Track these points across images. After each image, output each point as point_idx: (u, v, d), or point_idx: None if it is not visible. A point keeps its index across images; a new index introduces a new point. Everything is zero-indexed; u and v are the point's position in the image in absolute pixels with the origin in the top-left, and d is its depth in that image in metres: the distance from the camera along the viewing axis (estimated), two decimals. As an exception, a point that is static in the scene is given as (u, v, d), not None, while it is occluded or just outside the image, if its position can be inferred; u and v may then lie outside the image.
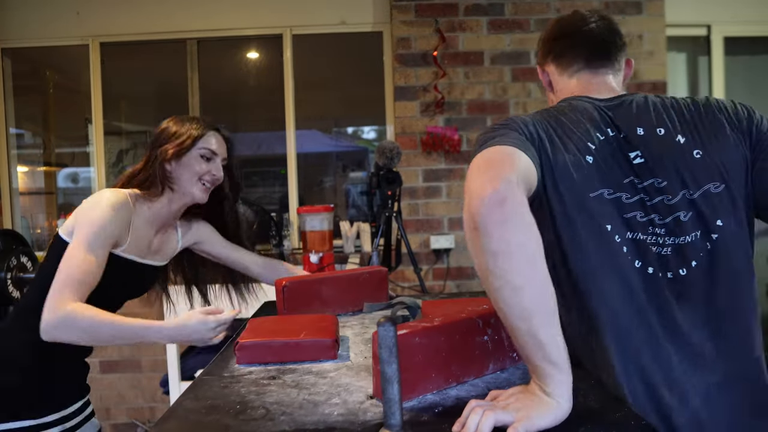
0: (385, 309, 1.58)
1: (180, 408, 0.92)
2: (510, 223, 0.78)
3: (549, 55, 1.28)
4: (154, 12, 3.40)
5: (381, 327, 0.71)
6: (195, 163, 1.52)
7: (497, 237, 0.77)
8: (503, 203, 0.78)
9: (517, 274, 0.77)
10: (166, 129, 1.55)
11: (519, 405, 0.79)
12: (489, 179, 0.82)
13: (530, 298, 0.77)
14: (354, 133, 4.22)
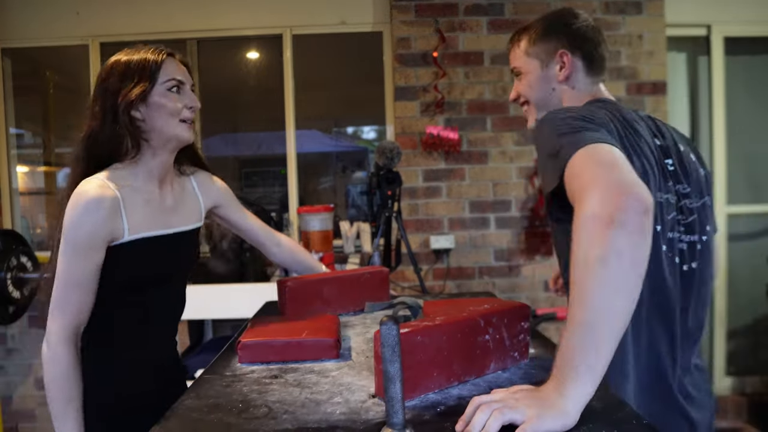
0: (386, 309, 1.59)
1: (182, 407, 0.92)
2: (647, 235, 0.79)
3: (578, 50, 1.27)
4: (154, 12, 3.40)
5: (383, 326, 0.72)
6: (165, 101, 1.29)
7: (632, 241, 0.77)
8: (647, 213, 0.79)
9: (626, 281, 0.77)
10: (113, 68, 1.29)
11: (529, 403, 0.76)
12: (630, 183, 0.81)
13: (622, 306, 0.78)
14: (354, 133, 4.23)
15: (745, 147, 3.59)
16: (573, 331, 0.79)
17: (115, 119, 1.26)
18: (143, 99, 1.27)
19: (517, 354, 1.09)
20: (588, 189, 0.83)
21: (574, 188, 0.90)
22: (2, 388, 3.38)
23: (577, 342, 0.78)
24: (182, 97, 1.32)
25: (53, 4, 3.40)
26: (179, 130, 1.31)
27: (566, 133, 0.99)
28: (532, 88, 1.31)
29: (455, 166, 3.25)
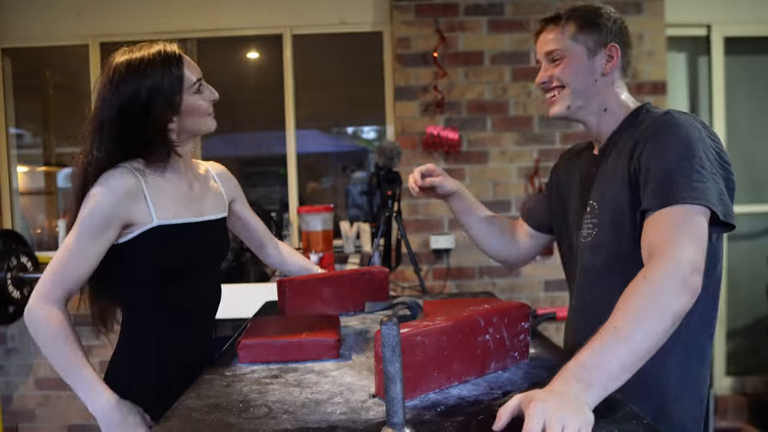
0: (386, 309, 1.59)
1: (182, 407, 0.92)
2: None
3: (625, 48, 1.28)
4: (154, 12, 3.39)
5: (384, 326, 0.72)
6: (195, 105, 1.30)
7: (686, 311, 0.92)
8: (697, 292, 0.94)
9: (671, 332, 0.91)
10: (135, 78, 1.24)
11: (579, 421, 0.75)
12: (699, 261, 0.96)
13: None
14: (354, 133, 4.23)
15: (745, 147, 3.59)
16: (621, 346, 0.85)
17: (146, 131, 1.26)
18: (176, 110, 1.28)
19: (517, 354, 1.10)
20: (684, 248, 0.96)
21: (674, 228, 0.99)
22: (2, 388, 3.37)
23: (623, 358, 0.84)
24: (204, 93, 1.33)
25: (53, 4, 3.40)
26: (208, 124, 1.35)
27: (704, 170, 1.04)
28: (576, 74, 1.25)
29: (455, 166, 3.25)
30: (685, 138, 1.08)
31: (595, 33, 1.25)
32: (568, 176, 1.43)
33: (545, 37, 1.30)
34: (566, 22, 1.26)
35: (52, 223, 3.72)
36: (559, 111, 1.29)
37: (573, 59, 1.26)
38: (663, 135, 1.11)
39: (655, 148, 1.10)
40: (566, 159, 1.50)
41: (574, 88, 1.26)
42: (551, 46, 1.28)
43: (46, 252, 3.44)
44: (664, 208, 1.02)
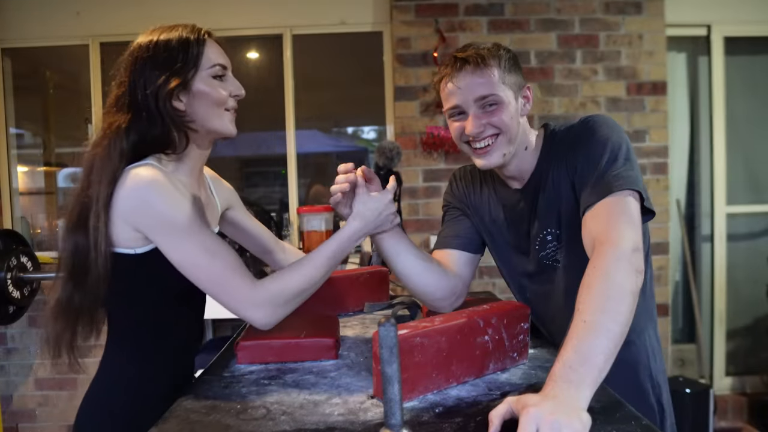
0: (385, 309, 1.59)
1: (180, 408, 0.92)
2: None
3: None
4: (154, 12, 3.40)
5: (382, 327, 0.71)
6: (209, 90, 1.15)
7: (638, 285, 0.97)
8: (641, 269, 0.99)
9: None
10: (149, 49, 1.12)
11: (574, 424, 0.74)
12: (637, 240, 1.01)
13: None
14: (354, 133, 4.22)
15: (745, 147, 3.59)
16: (598, 337, 0.86)
17: (156, 109, 1.11)
18: (185, 86, 1.12)
19: (516, 354, 1.09)
20: (622, 233, 1.01)
21: (611, 217, 1.05)
22: (2, 388, 3.38)
23: (603, 348, 0.85)
24: (226, 84, 1.18)
25: (53, 4, 3.40)
26: (224, 121, 1.18)
27: (628, 160, 1.12)
28: (511, 120, 1.19)
29: (455, 166, 3.25)
30: (604, 135, 1.15)
31: (515, 75, 1.21)
32: (488, 206, 1.38)
33: (472, 81, 1.17)
34: (490, 64, 1.17)
35: (52, 223, 3.72)
36: (496, 161, 1.21)
37: (507, 104, 1.18)
38: (585, 139, 1.18)
39: (583, 153, 1.17)
40: (472, 188, 1.42)
41: (508, 135, 1.20)
42: (484, 91, 1.17)
43: (46, 252, 3.44)
44: (598, 201, 1.08)
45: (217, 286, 1.08)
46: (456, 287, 1.34)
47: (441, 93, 1.25)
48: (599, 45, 3.25)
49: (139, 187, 1.05)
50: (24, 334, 3.36)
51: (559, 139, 1.24)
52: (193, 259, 1.07)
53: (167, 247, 1.08)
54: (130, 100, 1.12)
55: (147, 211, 1.05)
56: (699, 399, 3.03)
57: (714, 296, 3.56)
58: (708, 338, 3.58)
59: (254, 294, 1.08)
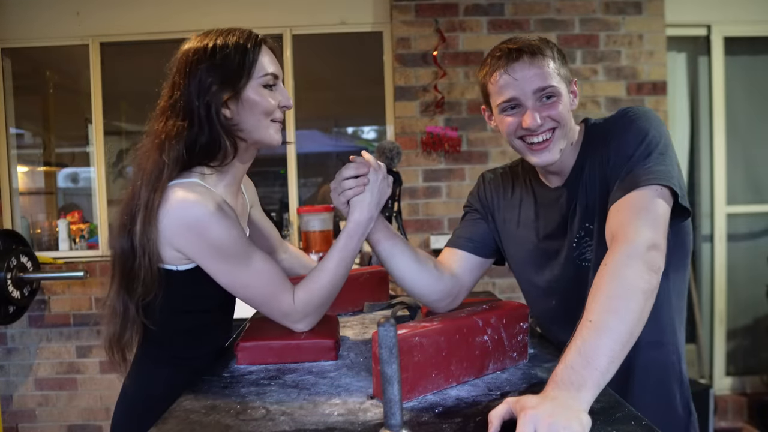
0: (385, 309, 1.59)
1: (180, 408, 0.92)
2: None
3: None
4: (154, 12, 3.40)
5: (381, 327, 0.71)
6: (259, 99, 1.12)
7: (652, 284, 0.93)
8: (658, 268, 0.95)
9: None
10: (204, 55, 1.09)
11: (573, 426, 0.73)
12: (656, 238, 0.97)
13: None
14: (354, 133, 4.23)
15: (744, 147, 3.59)
16: (603, 338, 0.83)
17: (206, 117, 1.09)
18: (236, 95, 1.10)
19: (516, 354, 1.09)
20: (640, 229, 0.97)
21: (631, 212, 1.01)
22: (2, 388, 3.38)
23: (608, 350, 0.82)
24: (275, 93, 1.15)
25: (53, 4, 3.40)
26: (271, 131, 1.15)
27: (663, 154, 1.07)
28: (568, 113, 1.16)
29: (455, 166, 3.25)
30: (641, 128, 1.11)
31: (566, 68, 1.19)
32: (518, 209, 1.35)
33: (529, 72, 1.13)
34: (547, 55, 1.15)
35: (52, 223, 3.72)
36: (554, 157, 1.17)
37: (563, 96, 1.15)
38: (621, 131, 1.13)
39: (616, 145, 1.13)
40: (499, 190, 1.40)
41: (565, 129, 1.17)
42: (542, 82, 1.13)
43: (46, 252, 3.44)
44: (625, 195, 1.04)
45: (265, 304, 1.14)
46: (452, 289, 1.32)
47: (490, 86, 1.19)
48: (599, 45, 3.25)
49: (185, 214, 1.05)
50: (24, 334, 3.37)
51: (596, 132, 1.21)
52: (242, 281, 1.11)
53: (215, 271, 1.10)
54: (185, 106, 1.10)
55: (194, 239, 1.06)
56: (699, 399, 3.03)
57: (714, 296, 3.56)
58: (708, 338, 3.58)
59: (295, 309, 1.14)
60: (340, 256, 1.18)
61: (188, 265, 1.12)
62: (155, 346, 1.19)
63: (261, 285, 1.12)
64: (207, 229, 1.05)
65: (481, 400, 0.92)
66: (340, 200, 1.18)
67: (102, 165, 3.47)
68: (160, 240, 1.06)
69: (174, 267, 1.11)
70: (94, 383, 3.32)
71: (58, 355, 3.36)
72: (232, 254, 1.08)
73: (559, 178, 1.26)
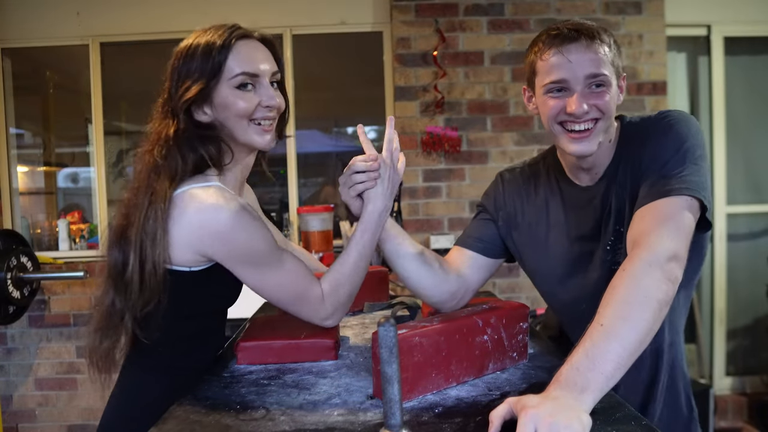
0: (385, 309, 1.59)
1: (180, 408, 0.92)
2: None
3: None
4: (154, 12, 3.39)
5: (381, 327, 0.71)
6: (230, 101, 1.07)
7: (671, 299, 0.92)
8: (676, 279, 0.94)
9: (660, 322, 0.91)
10: (177, 58, 1.09)
11: (574, 426, 0.73)
12: (685, 259, 0.96)
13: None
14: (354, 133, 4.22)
15: (745, 147, 3.59)
16: (612, 343, 0.83)
17: (186, 120, 1.08)
18: (205, 98, 1.07)
19: (516, 354, 1.09)
20: (663, 238, 0.95)
21: (656, 220, 0.99)
22: (2, 388, 3.38)
23: (615, 356, 0.82)
24: (252, 94, 1.09)
25: (53, 4, 3.39)
26: (251, 133, 1.10)
27: (698, 164, 1.04)
28: (613, 105, 1.11)
29: (455, 166, 3.25)
30: (680, 133, 1.07)
31: (620, 59, 1.13)
32: (544, 210, 1.29)
33: (585, 56, 1.07)
34: (603, 41, 1.09)
35: (52, 223, 3.72)
36: (592, 148, 1.11)
37: (611, 87, 1.10)
38: (659, 134, 1.10)
39: (651, 148, 1.09)
40: (521, 192, 1.34)
41: (608, 121, 1.12)
42: (595, 69, 1.07)
43: (46, 252, 3.44)
44: (654, 201, 1.02)
45: (295, 303, 1.12)
46: (457, 291, 1.30)
47: (539, 64, 1.13)
48: (599, 45, 3.25)
49: (210, 220, 1.02)
50: (24, 334, 3.37)
51: (632, 130, 1.17)
52: (274, 282, 1.09)
53: (244, 275, 1.08)
54: (170, 109, 1.09)
55: (222, 246, 1.03)
56: (699, 399, 3.02)
57: (714, 296, 3.56)
58: (708, 338, 3.58)
59: (324, 305, 1.13)
60: (358, 250, 1.16)
61: (203, 265, 1.08)
62: (150, 354, 1.14)
63: (292, 284, 1.10)
64: (235, 235, 1.03)
65: (481, 400, 0.92)
66: (350, 194, 1.15)
67: (102, 165, 3.47)
68: (174, 243, 1.03)
69: (187, 268, 1.07)
70: (94, 383, 3.30)
71: (58, 355, 3.36)
72: (263, 256, 1.07)
73: (589, 176, 1.21)
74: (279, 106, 1.13)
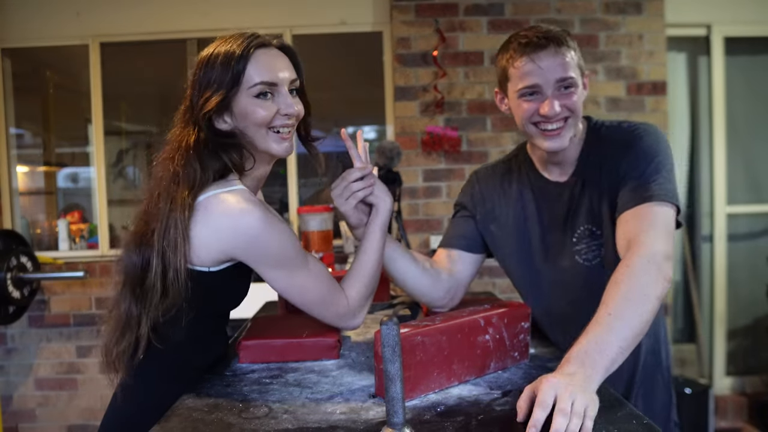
0: (386, 309, 1.59)
1: (182, 406, 0.92)
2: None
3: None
4: (155, 12, 3.39)
5: (384, 326, 0.72)
6: (250, 110, 1.09)
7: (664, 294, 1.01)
8: (669, 278, 1.03)
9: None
10: (200, 67, 1.09)
11: (587, 398, 0.80)
12: (669, 251, 1.06)
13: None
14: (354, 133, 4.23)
15: (745, 147, 3.59)
16: (619, 329, 0.91)
17: (208, 128, 1.09)
18: (225, 107, 1.09)
19: (517, 354, 1.10)
20: (656, 239, 1.05)
21: (648, 223, 1.08)
22: (2, 388, 3.38)
23: (620, 341, 0.90)
24: (271, 102, 1.10)
25: (53, 4, 3.40)
26: (269, 141, 1.11)
27: (669, 174, 1.16)
28: (581, 104, 1.21)
29: (455, 166, 3.25)
30: (652, 145, 1.19)
31: (581, 59, 1.23)
32: (519, 203, 1.37)
33: (554, 61, 1.16)
34: (569, 46, 1.19)
35: (52, 223, 3.72)
36: (564, 143, 1.21)
37: (579, 87, 1.20)
38: (631, 144, 1.21)
39: (628, 158, 1.19)
40: (495, 186, 1.42)
41: (577, 118, 1.22)
42: (563, 72, 1.17)
43: (46, 252, 3.44)
44: (638, 206, 1.12)
45: (322, 305, 1.13)
46: (450, 288, 1.36)
47: (511, 71, 1.21)
48: (599, 45, 3.25)
49: (238, 224, 1.02)
50: (24, 334, 3.36)
51: (602, 135, 1.27)
52: (300, 285, 1.10)
53: (272, 278, 1.09)
54: (192, 116, 1.10)
55: (251, 249, 1.05)
56: (699, 399, 3.03)
57: (714, 296, 3.56)
58: (708, 338, 3.59)
59: (349, 306, 1.15)
60: (376, 249, 1.20)
61: (223, 266, 1.08)
62: (156, 356, 1.11)
63: (318, 287, 1.12)
64: (266, 237, 1.04)
65: (483, 399, 0.93)
66: (350, 203, 1.18)
67: (102, 165, 3.47)
68: (199, 244, 1.03)
69: (206, 268, 1.06)
70: (94, 383, 3.31)
71: (58, 355, 3.36)
72: (290, 258, 1.08)
73: (560, 170, 1.31)
74: (298, 113, 1.15)
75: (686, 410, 2.99)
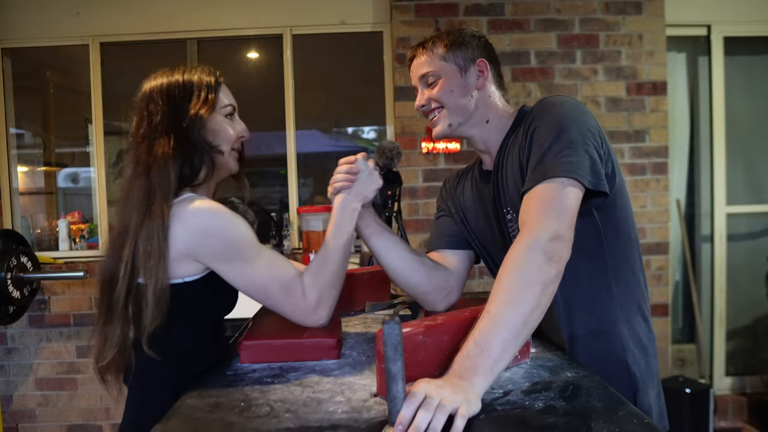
0: (387, 308, 1.59)
1: (184, 405, 0.92)
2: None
3: (492, 62, 1.32)
4: (154, 12, 3.40)
5: (386, 325, 0.72)
6: (222, 127, 1.22)
7: (557, 279, 0.98)
8: (560, 258, 0.99)
9: (546, 304, 0.97)
10: (172, 87, 1.18)
11: (456, 392, 0.80)
12: (570, 239, 1.02)
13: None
14: (354, 133, 4.23)
15: (745, 147, 3.59)
16: (497, 328, 0.89)
17: (188, 139, 1.16)
18: (201, 125, 1.18)
19: (517, 354, 1.09)
20: (547, 220, 1.01)
21: (538, 205, 1.05)
22: (2, 388, 3.38)
23: (501, 340, 0.89)
24: (234, 124, 1.25)
25: (53, 4, 3.40)
26: (229, 159, 1.24)
27: (574, 145, 1.08)
28: (452, 93, 1.28)
29: (455, 166, 3.25)
30: (556, 117, 1.13)
31: (463, 51, 1.28)
32: (465, 199, 1.43)
33: (417, 62, 1.31)
34: (434, 45, 1.30)
35: (52, 223, 3.72)
36: (441, 130, 1.31)
37: (447, 79, 1.28)
38: (538, 120, 1.16)
39: (532, 134, 1.16)
40: (455, 183, 1.49)
41: (453, 107, 1.28)
42: (424, 69, 1.30)
43: (46, 252, 3.44)
44: (534, 187, 1.08)
45: (279, 296, 1.16)
46: (447, 282, 1.37)
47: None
48: (599, 45, 3.26)
49: (203, 220, 1.09)
50: (24, 334, 3.36)
51: (522, 117, 1.28)
52: (260, 277, 1.14)
53: (233, 275, 1.13)
54: (167, 131, 1.15)
55: (213, 242, 1.10)
56: (699, 399, 3.03)
57: (714, 296, 3.57)
58: (708, 338, 3.59)
59: (306, 298, 1.17)
60: (327, 239, 1.23)
61: (196, 275, 1.12)
62: (153, 368, 1.13)
63: (274, 274, 1.15)
64: (224, 228, 1.10)
65: (484, 398, 0.92)
66: (330, 191, 1.29)
67: (102, 165, 3.48)
68: (172, 255, 1.07)
69: (180, 279, 1.11)
70: (94, 383, 3.31)
71: (58, 355, 3.36)
72: (248, 248, 1.12)
73: (489, 159, 1.35)
74: (248, 137, 1.30)
75: (686, 410, 3.00)
